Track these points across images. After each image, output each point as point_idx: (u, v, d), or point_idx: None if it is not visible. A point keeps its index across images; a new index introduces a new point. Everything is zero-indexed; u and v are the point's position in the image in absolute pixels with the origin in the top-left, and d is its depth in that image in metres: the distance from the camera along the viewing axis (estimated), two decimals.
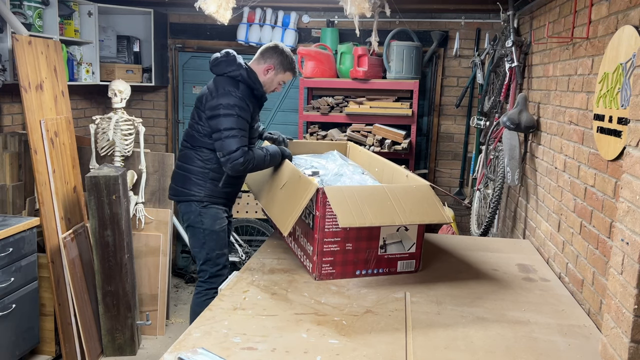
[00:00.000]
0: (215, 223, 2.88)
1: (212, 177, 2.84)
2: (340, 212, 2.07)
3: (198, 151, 2.83)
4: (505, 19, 3.65)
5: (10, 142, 3.57)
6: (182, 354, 1.64)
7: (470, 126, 4.70)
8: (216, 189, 2.85)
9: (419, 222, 2.25)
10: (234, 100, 2.70)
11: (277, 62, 2.84)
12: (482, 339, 1.83)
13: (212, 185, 2.84)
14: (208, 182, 2.84)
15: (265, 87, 2.86)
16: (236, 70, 2.77)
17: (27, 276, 3.19)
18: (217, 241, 2.90)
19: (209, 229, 2.86)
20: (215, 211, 2.88)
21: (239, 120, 2.69)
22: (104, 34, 4.62)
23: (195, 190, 2.85)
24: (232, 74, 2.77)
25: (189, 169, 2.86)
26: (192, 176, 2.85)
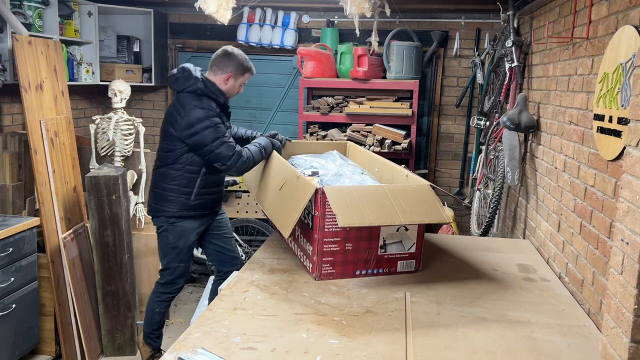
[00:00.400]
0: (179, 240, 2.99)
1: (183, 192, 2.91)
2: (339, 212, 2.07)
3: (168, 169, 2.90)
4: (505, 19, 3.65)
5: (10, 142, 3.57)
6: (182, 354, 1.64)
7: (470, 126, 4.70)
8: (188, 203, 2.92)
9: (419, 222, 2.25)
10: (202, 113, 2.77)
11: (233, 68, 2.91)
12: (482, 339, 1.83)
13: (184, 200, 2.92)
14: (180, 197, 2.91)
15: (228, 94, 2.96)
16: (194, 84, 2.83)
17: (27, 276, 3.19)
18: (177, 255, 3.03)
19: (172, 244, 2.99)
20: (182, 229, 2.97)
21: (217, 128, 2.78)
22: (104, 34, 4.62)
23: (167, 206, 2.93)
24: (191, 89, 2.83)
25: (163, 187, 2.93)
26: (165, 193, 2.92)
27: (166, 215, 2.94)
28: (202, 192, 2.93)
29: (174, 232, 2.97)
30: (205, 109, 2.77)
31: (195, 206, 2.95)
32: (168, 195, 2.91)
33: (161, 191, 2.94)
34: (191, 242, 3.04)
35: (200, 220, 3.02)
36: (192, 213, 2.95)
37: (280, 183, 2.53)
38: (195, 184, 2.89)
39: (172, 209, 2.92)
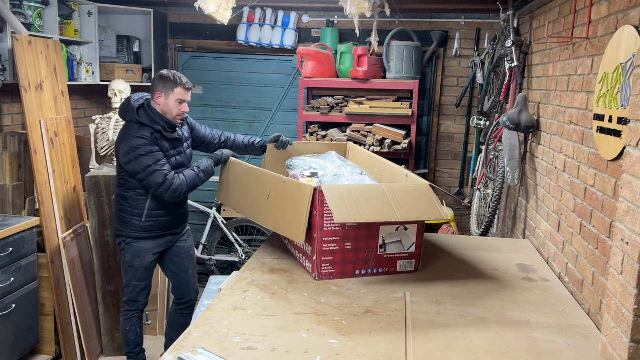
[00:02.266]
0: (135, 260, 3.03)
1: (133, 214, 2.97)
2: (336, 208, 2.06)
3: (121, 191, 2.99)
4: (505, 19, 3.65)
5: (10, 142, 3.57)
6: (182, 354, 1.64)
7: (470, 126, 4.70)
8: (140, 224, 2.98)
9: (416, 219, 2.24)
10: (135, 142, 2.82)
11: (160, 86, 2.89)
12: (482, 339, 1.83)
13: (136, 222, 2.97)
14: (132, 219, 2.97)
15: (167, 114, 2.92)
16: (129, 115, 2.91)
17: (27, 276, 3.19)
18: (134, 274, 3.07)
19: (129, 263, 3.05)
20: (137, 249, 3.01)
21: (149, 157, 2.82)
22: (104, 34, 4.62)
23: (122, 227, 3.01)
24: (129, 120, 2.92)
25: (119, 208, 3.03)
26: (120, 214, 3.01)
27: (122, 235, 3.02)
28: (152, 214, 2.98)
29: (130, 251, 3.02)
30: (139, 138, 2.82)
31: (147, 228, 2.99)
32: (122, 216, 2.99)
33: (118, 212, 3.03)
34: (147, 263, 3.07)
35: (155, 241, 3.05)
36: (144, 234, 3.00)
37: (266, 192, 2.48)
38: (145, 205, 2.95)
39: (126, 229, 2.99)
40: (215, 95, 5.12)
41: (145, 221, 2.97)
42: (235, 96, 5.09)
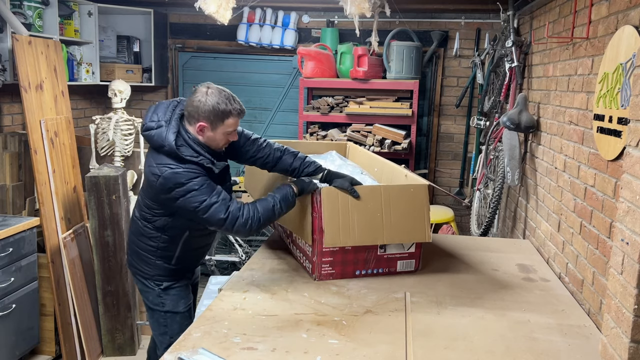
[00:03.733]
0: (179, 304, 2.49)
1: (161, 256, 2.42)
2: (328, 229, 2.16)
3: (144, 226, 2.39)
4: (505, 19, 3.65)
5: (10, 142, 3.57)
6: (182, 354, 1.64)
7: (470, 126, 4.70)
8: (169, 267, 2.45)
9: (400, 242, 2.33)
10: (181, 177, 2.18)
11: (205, 117, 2.21)
12: (482, 339, 1.83)
13: (163, 264, 2.43)
14: (158, 260, 2.42)
15: (212, 145, 2.30)
16: (166, 147, 2.21)
17: (27, 276, 3.19)
18: (180, 323, 2.47)
19: (171, 311, 2.48)
20: (178, 291, 2.49)
21: (202, 189, 2.18)
22: (104, 34, 4.62)
23: (146, 268, 2.44)
24: (164, 151, 2.22)
25: (137, 243, 2.44)
26: (141, 252, 2.43)
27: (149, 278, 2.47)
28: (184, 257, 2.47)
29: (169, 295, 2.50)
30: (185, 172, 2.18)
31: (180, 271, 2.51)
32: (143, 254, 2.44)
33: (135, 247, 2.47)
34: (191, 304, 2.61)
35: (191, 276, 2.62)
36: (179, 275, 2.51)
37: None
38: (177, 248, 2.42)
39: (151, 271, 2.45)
40: None
41: (175, 264, 2.45)
42: None
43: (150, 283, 2.45)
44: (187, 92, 5.14)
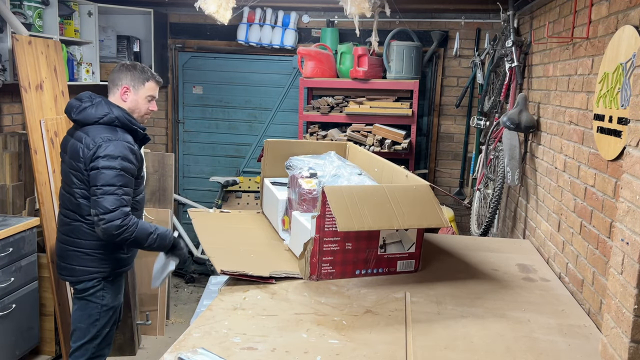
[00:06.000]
0: (117, 297, 2.57)
1: (115, 248, 2.47)
2: (339, 215, 2.07)
3: (90, 222, 2.41)
4: (505, 19, 3.65)
5: (10, 142, 3.57)
6: (182, 354, 1.64)
7: (470, 126, 4.70)
8: (124, 256, 2.52)
9: (417, 226, 2.26)
10: (117, 150, 2.31)
11: (127, 79, 2.45)
12: (482, 339, 1.83)
13: (119, 255, 2.51)
14: (115, 253, 2.49)
15: (134, 113, 2.48)
16: (110, 113, 2.37)
17: (27, 276, 3.19)
18: (111, 317, 2.54)
19: (108, 305, 2.52)
20: (120, 282, 2.58)
21: (120, 176, 2.31)
22: (104, 34, 4.62)
23: (99, 267, 2.47)
24: (106, 120, 2.37)
25: (82, 244, 2.44)
26: (91, 251, 2.45)
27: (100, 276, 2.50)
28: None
29: (112, 289, 2.54)
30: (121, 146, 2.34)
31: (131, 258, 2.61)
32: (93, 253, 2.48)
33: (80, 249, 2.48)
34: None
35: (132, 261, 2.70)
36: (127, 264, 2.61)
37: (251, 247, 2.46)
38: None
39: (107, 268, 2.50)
40: (215, 95, 5.12)
41: (127, 251, 2.54)
42: (235, 96, 5.10)
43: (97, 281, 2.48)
44: (187, 92, 5.14)
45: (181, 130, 5.21)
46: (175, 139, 5.23)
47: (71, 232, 2.47)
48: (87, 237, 2.45)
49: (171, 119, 5.18)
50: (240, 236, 2.66)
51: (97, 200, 2.29)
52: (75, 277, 2.49)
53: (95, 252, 2.46)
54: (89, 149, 2.33)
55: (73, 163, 2.39)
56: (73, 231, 2.46)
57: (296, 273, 2.26)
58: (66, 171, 2.47)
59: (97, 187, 2.29)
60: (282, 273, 2.23)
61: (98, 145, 2.32)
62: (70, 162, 2.41)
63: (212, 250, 2.34)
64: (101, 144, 2.32)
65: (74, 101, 2.46)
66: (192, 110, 5.17)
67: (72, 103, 2.46)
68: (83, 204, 2.41)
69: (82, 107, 2.41)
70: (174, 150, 5.20)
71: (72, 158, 2.39)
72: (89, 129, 2.39)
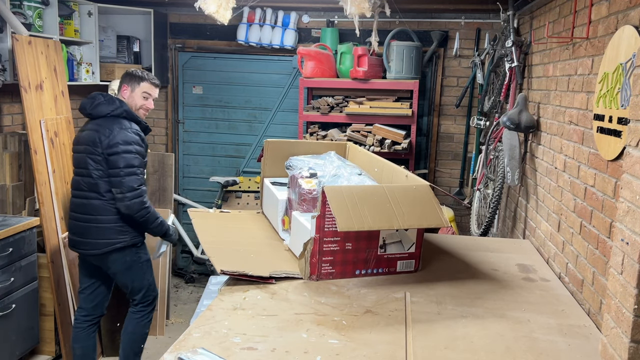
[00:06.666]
0: (147, 252, 3.08)
1: (129, 222, 2.90)
2: (339, 215, 2.07)
3: (108, 199, 2.84)
4: (505, 19, 3.65)
5: (10, 142, 3.57)
6: (182, 354, 1.64)
7: (470, 126, 4.70)
8: (140, 227, 2.96)
9: (417, 226, 2.26)
10: (130, 137, 2.80)
11: (126, 81, 3.01)
12: (482, 339, 1.83)
13: (132, 227, 2.92)
14: (130, 226, 2.90)
15: (132, 106, 2.97)
16: (119, 107, 2.87)
17: (27, 276, 3.19)
18: (151, 267, 3.09)
19: (145, 258, 3.04)
20: (146, 244, 3.07)
21: (137, 159, 2.81)
22: (104, 34, 4.62)
23: (118, 237, 2.88)
24: (116, 113, 2.86)
25: (102, 219, 2.85)
26: (110, 225, 2.86)
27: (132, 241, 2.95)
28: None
29: (143, 248, 3.04)
30: (133, 134, 2.83)
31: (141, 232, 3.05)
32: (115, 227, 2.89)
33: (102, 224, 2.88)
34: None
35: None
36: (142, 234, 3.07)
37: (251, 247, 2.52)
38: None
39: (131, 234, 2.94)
40: (215, 95, 5.12)
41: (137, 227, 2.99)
42: (235, 96, 5.10)
43: (128, 249, 2.92)
44: (187, 92, 5.14)
45: (181, 130, 5.21)
46: (175, 139, 5.23)
47: (91, 209, 2.85)
48: (106, 212, 2.84)
49: (171, 119, 5.18)
50: (240, 236, 2.66)
51: (122, 180, 2.75)
52: (98, 249, 2.87)
53: (114, 225, 2.86)
54: (105, 136, 2.77)
55: (90, 148, 2.80)
56: (93, 208, 2.84)
57: (296, 273, 2.26)
58: (80, 158, 2.86)
59: (120, 169, 2.75)
60: (282, 273, 2.23)
61: (114, 134, 2.77)
62: (86, 148, 2.82)
63: (212, 250, 2.34)
64: (118, 132, 2.78)
65: (87, 100, 2.92)
66: (192, 110, 5.17)
67: (86, 101, 2.92)
68: (100, 183, 2.81)
69: (96, 103, 2.87)
70: (174, 150, 5.20)
71: (88, 144, 2.81)
72: (103, 120, 2.84)
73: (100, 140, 2.77)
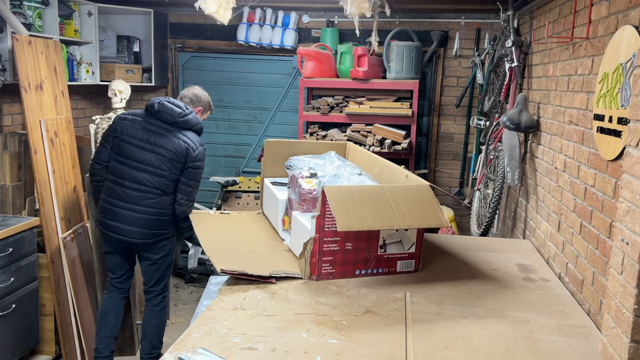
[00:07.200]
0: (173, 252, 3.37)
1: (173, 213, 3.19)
2: (339, 215, 2.07)
3: (172, 198, 3.14)
4: (505, 19, 3.65)
5: (10, 142, 3.57)
6: (182, 354, 1.64)
7: (470, 126, 4.70)
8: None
9: (417, 226, 2.26)
10: (204, 155, 3.14)
11: (202, 104, 3.31)
12: (482, 339, 1.83)
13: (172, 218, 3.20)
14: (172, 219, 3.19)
15: None
16: (199, 124, 3.16)
17: (27, 276, 3.19)
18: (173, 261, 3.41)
19: (172, 256, 3.33)
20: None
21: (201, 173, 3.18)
22: (104, 34, 4.62)
23: (171, 229, 3.21)
24: (197, 128, 3.15)
25: (164, 213, 3.13)
26: (167, 218, 3.15)
27: (170, 235, 3.23)
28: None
29: (172, 245, 3.29)
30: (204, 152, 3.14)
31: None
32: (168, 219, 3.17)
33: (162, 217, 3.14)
34: None
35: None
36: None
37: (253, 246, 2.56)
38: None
39: (172, 229, 3.22)
40: (215, 95, 5.11)
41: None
42: (235, 96, 5.10)
43: (170, 239, 3.23)
44: None
45: None
46: None
47: (154, 204, 3.09)
48: (170, 208, 3.13)
49: None
50: (241, 236, 2.66)
51: (190, 190, 3.11)
52: (152, 239, 3.14)
53: (170, 218, 3.17)
54: (193, 150, 3.06)
55: (175, 155, 3.04)
56: (157, 203, 3.09)
57: (296, 273, 2.26)
58: (154, 157, 3.04)
59: (195, 182, 3.13)
60: (282, 273, 2.23)
61: (200, 150, 3.09)
62: (169, 152, 3.04)
63: (212, 250, 2.34)
64: (201, 149, 3.10)
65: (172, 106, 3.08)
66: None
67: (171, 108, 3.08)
68: (171, 185, 3.09)
69: (185, 114, 3.09)
70: None
71: (175, 151, 3.04)
72: (183, 131, 3.09)
73: (187, 153, 3.04)
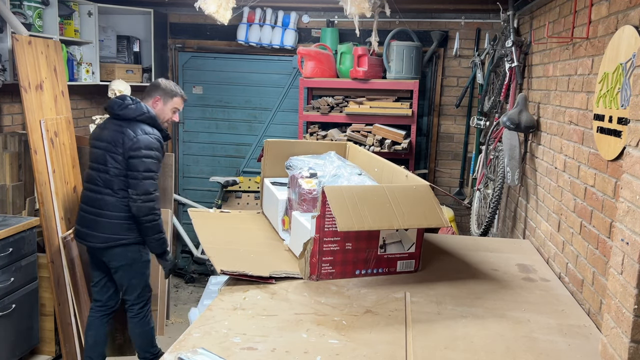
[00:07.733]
0: (149, 253, 3.14)
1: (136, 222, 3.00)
2: (339, 215, 2.07)
3: (121, 197, 2.94)
4: (505, 19, 3.65)
5: (10, 142, 3.57)
6: (182, 354, 1.64)
7: (470, 126, 4.70)
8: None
9: (417, 226, 2.26)
10: (153, 142, 2.93)
11: (160, 92, 3.13)
12: (482, 339, 1.83)
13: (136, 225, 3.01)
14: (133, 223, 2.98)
15: (160, 118, 3.11)
16: (146, 114, 3.00)
17: (27, 276, 3.19)
18: (150, 268, 3.18)
19: (146, 259, 3.13)
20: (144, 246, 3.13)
21: (156, 164, 2.94)
22: (104, 34, 4.62)
23: (125, 234, 2.98)
24: (142, 118, 2.98)
25: (111, 215, 2.95)
26: (117, 221, 2.96)
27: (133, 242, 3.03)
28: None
29: (145, 248, 3.11)
30: (156, 140, 2.96)
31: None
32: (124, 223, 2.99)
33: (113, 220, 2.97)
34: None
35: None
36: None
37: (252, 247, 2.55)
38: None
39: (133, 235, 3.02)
40: (215, 95, 5.12)
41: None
42: (235, 96, 5.10)
43: (132, 246, 3.01)
44: (187, 92, 5.14)
45: (181, 130, 5.22)
46: (175, 139, 5.23)
47: (103, 204, 2.95)
48: (117, 209, 2.94)
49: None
50: (240, 236, 2.66)
51: (139, 183, 2.87)
52: (104, 242, 2.97)
53: (123, 222, 2.96)
54: (129, 138, 2.87)
55: (112, 147, 2.90)
56: (105, 203, 2.94)
57: (296, 273, 2.26)
58: (99, 154, 2.95)
59: (139, 172, 2.87)
60: (282, 273, 2.23)
61: (139, 137, 2.88)
62: (108, 146, 2.91)
63: (212, 250, 2.34)
64: (142, 137, 2.89)
65: (116, 100, 3.01)
66: (192, 110, 5.17)
67: (115, 101, 3.01)
68: (116, 181, 2.91)
69: (125, 104, 2.97)
70: (174, 150, 5.20)
71: (111, 143, 2.90)
72: (128, 123, 2.94)
73: (124, 142, 2.88)
